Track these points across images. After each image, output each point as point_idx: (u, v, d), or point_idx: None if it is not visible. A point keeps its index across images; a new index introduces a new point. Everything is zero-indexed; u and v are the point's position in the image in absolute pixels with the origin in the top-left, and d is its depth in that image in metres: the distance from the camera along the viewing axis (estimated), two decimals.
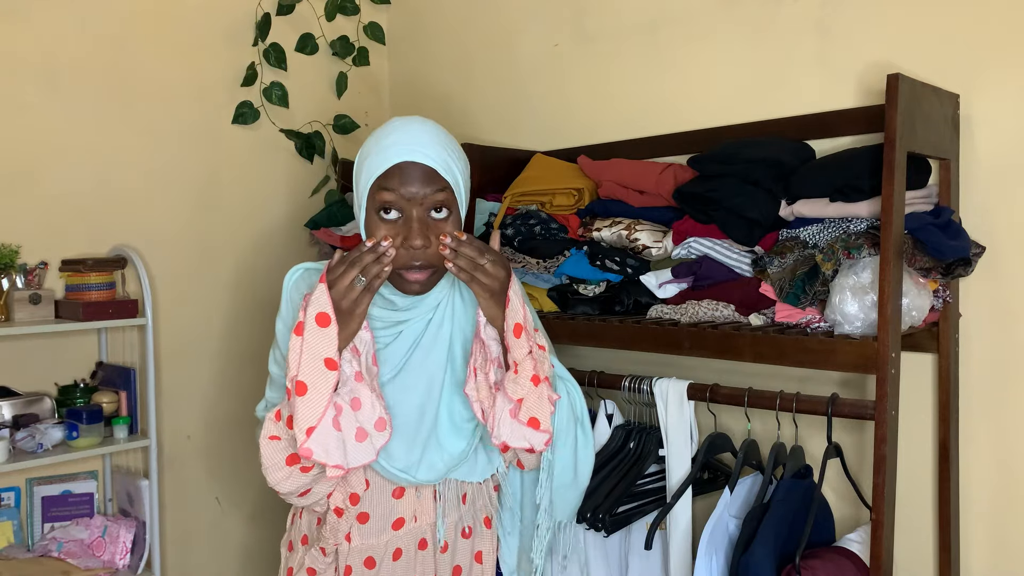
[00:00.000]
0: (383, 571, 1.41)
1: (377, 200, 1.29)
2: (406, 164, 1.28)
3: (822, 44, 1.93)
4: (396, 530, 1.41)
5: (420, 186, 1.28)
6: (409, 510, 1.41)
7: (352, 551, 1.40)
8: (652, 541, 1.66)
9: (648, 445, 1.82)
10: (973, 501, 1.77)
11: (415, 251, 1.28)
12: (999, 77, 1.69)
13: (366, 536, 1.40)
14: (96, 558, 2.27)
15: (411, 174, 1.27)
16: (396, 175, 1.27)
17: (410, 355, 1.38)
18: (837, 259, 1.58)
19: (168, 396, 2.59)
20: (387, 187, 1.28)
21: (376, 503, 1.40)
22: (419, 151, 1.28)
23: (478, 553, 1.49)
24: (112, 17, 2.47)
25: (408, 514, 1.41)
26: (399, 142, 1.29)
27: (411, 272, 1.30)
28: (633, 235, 1.91)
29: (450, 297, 1.42)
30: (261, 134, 2.77)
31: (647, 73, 2.26)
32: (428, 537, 1.43)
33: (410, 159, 1.28)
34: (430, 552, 1.43)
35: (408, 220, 1.29)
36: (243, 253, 2.75)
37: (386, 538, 1.41)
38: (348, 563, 1.40)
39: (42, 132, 2.36)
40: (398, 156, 1.28)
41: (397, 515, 1.41)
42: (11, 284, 2.23)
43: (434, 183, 1.28)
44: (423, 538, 1.43)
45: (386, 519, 1.40)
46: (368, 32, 2.87)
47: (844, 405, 1.58)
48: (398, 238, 1.28)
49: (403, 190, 1.27)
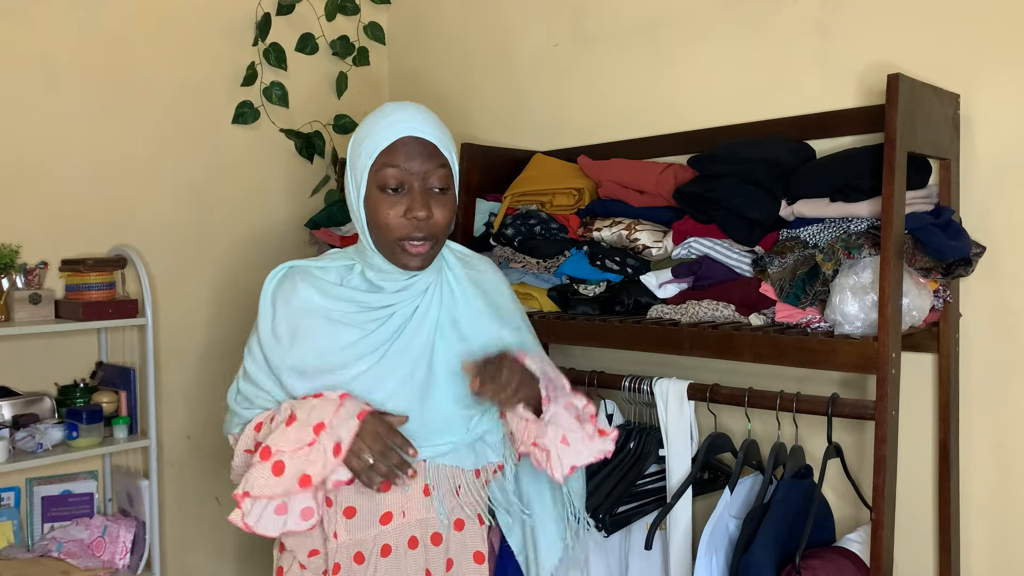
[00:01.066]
0: (371, 568, 1.39)
1: (380, 176, 1.32)
2: (409, 139, 1.31)
3: (822, 44, 1.93)
4: (384, 525, 1.39)
5: (423, 160, 1.31)
6: (397, 505, 1.39)
7: (340, 547, 1.38)
8: (652, 541, 1.66)
9: (648, 445, 1.82)
10: (973, 501, 1.77)
11: (419, 222, 1.31)
12: (999, 77, 1.69)
13: (353, 531, 1.38)
14: (96, 558, 2.27)
15: (414, 148, 1.31)
16: (400, 150, 1.31)
17: (394, 341, 1.38)
18: (837, 259, 1.58)
19: (168, 396, 2.59)
20: (391, 163, 1.31)
21: (363, 496, 1.38)
22: (420, 128, 1.32)
23: (477, 553, 1.47)
24: (112, 17, 2.47)
25: (396, 508, 1.39)
26: (400, 120, 1.32)
27: (414, 244, 1.33)
28: (633, 235, 1.91)
29: (438, 283, 1.43)
30: (261, 134, 2.77)
31: (647, 73, 2.26)
32: (417, 534, 1.41)
33: (412, 135, 1.31)
34: (420, 551, 1.41)
35: (411, 192, 1.32)
36: (243, 253, 2.75)
37: (374, 533, 1.38)
38: (336, 560, 1.38)
39: (42, 132, 2.36)
40: (400, 132, 1.31)
41: (384, 509, 1.39)
42: (11, 284, 2.23)
43: (436, 158, 1.33)
44: (412, 535, 1.41)
45: (373, 513, 1.38)
46: (368, 32, 2.87)
47: (844, 405, 1.58)
48: (402, 208, 1.31)
49: (406, 164, 1.31)
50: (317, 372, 1.36)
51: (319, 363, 1.36)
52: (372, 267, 1.40)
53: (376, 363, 1.37)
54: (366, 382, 1.36)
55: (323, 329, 1.37)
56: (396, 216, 1.32)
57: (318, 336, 1.37)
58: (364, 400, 1.34)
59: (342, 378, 1.36)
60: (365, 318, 1.38)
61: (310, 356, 1.36)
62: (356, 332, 1.37)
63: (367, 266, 1.41)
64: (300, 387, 1.37)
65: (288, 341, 1.38)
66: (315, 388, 1.35)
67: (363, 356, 1.36)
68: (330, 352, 1.36)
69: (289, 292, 1.40)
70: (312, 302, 1.38)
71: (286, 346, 1.38)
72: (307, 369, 1.36)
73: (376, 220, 1.34)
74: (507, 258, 2.19)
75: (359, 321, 1.38)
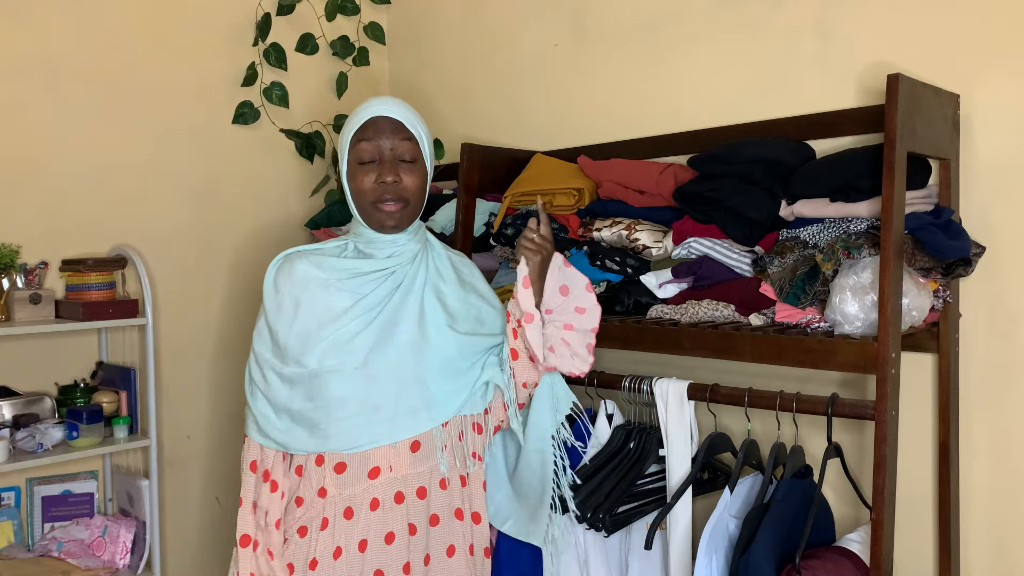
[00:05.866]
0: (361, 521, 1.49)
1: (356, 151, 1.54)
2: (378, 118, 1.54)
3: (822, 44, 1.93)
4: (372, 479, 1.50)
5: (390, 134, 1.53)
6: (384, 460, 1.50)
7: (329, 502, 1.49)
8: (652, 541, 1.66)
9: (648, 445, 1.82)
10: (973, 501, 1.77)
11: (387, 185, 1.52)
12: (999, 77, 1.69)
13: (343, 486, 1.49)
14: (96, 558, 2.27)
15: (383, 125, 1.53)
16: (371, 127, 1.53)
17: (386, 302, 1.53)
18: (837, 259, 1.58)
19: (168, 396, 2.59)
20: (364, 138, 1.53)
21: (351, 453, 1.50)
22: (388, 109, 1.55)
23: (457, 511, 1.57)
24: (112, 17, 2.47)
25: (384, 464, 1.50)
26: (372, 104, 1.56)
27: (386, 204, 1.53)
28: (633, 235, 1.91)
29: (425, 254, 1.61)
30: (261, 134, 2.77)
31: (647, 73, 2.26)
32: (403, 489, 1.51)
33: (381, 114, 1.54)
34: (404, 505, 1.51)
35: (382, 162, 1.53)
36: (243, 253, 2.75)
37: (363, 486, 1.49)
38: (325, 515, 1.49)
39: (42, 132, 2.36)
40: (371, 113, 1.54)
41: (373, 464, 1.50)
42: (11, 284, 2.23)
43: (401, 133, 1.54)
44: (399, 490, 1.51)
45: (362, 467, 1.49)
46: (368, 32, 2.87)
47: (844, 405, 1.58)
48: (374, 176, 1.52)
49: (377, 140, 1.53)
50: (319, 334, 1.49)
51: (319, 326, 1.50)
52: (361, 238, 1.58)
53: (370, 324, 1.51)
54: (362, 341, 1.50)
55: (321, 296, 1.52)
56: (370, 182, 1.53)
57: (316, 302, 1.52)
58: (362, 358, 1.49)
59: (341, 337, 1.49)
60: (359, 283, 1.54)
61: (312, 321, 1.50)
62: (351, 296, 1.52)
63: (358, 240, 1.59)
64: (307, 354, 1.49)
65: (292, 311, 1.52)
66: (319, 351, 1.48)
67: (358, 316, 1.51)
68: (328, 314, 1.51)
69: (288, 270, 1.56)
70: (310, 274, 1.54)
71: (290, 316, 1.52)
72: (310, 333, 1.50)
73: (354, 188, 1.55)
74: (507, 258, 2.19)
75: (353, 286, 1.53)
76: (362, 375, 1.48)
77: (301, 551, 1.50)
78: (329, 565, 1.48)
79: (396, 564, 1.50)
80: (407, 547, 1.50)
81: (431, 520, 1.54)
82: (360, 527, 1.48)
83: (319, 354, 1.48)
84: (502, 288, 2.16)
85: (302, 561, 1.49)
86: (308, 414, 1.49)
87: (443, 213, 2.34)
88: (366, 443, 1.48)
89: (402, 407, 1.50)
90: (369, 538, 1.49)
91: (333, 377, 1.48)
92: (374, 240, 1.56)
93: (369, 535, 1.49)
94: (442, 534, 1.55)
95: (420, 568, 1.52)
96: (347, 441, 1.48)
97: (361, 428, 1.48)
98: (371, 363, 1.49)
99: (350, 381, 1.48)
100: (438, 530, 1.54)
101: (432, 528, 1.54)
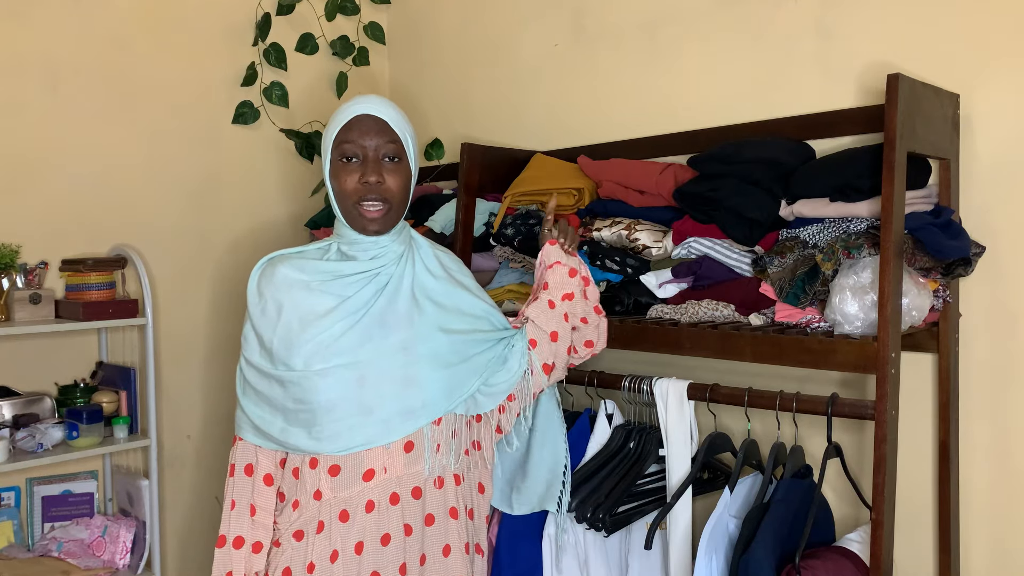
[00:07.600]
0: (357, 524, 1.48)
1: (339, 150, 1.52)
2: (363, 116, 1.51)
3: (822, 44, 1.93)
4: (367, 481, 1.49)
5: (374, 135, 1.51)
6: (379, 462, 1.49)
7: (324, 504, 1.48)
8: (652, 541, 1.66)
9: (648, 445, 1.82)
10: (973, 501, 1.77)
11: (370, 185, 1.50)
12: (999, 77, 1.69)
13: (337, 489, 1.48)
14: (96, 558, 2.27)
15: (367, 124, 1.51)
16: (355, 127, 1.51)
17: (371, 305, 1.51)
18: (837, 259, 1.58)
19: (168, 396, 2.59)
20: (347, 139, 1.51)
21: (346, 455, 1.48)
22: (373, 108, 1.52)
23: (452, 509, 1.56)
24: (112, 17, 2.47)
25: (378, 465, 1.49)
26: (357, 102, 1.53)
27: (369, 207, 1.51)
28: (633, 235, 1.91)
29: (410, 254, 1.59)
30: (261, 134, 2.77)
31: (647, 73, 2.26)
32: (398, 490, 1.50)
33: (365, 113, 1.51)
34: (399, 506, 1.50)
35: (365, 162, 1.51)
36: (243, 252, 2.75)
37: (358, 489, 1.48)
38: (321, 518, 1.48)
39: (42, 132, 2.36)
40: (355, 112, 1.52)
41: (367, 466, 1.49)
42: (11, 284, 2.23)
43: (386, 134, 1.51)
44: (394, 491, 1.50)
45: (357, 470, 1.48)
46: (368, 32, 2.87)
47: (844, 405, 1.58)
48: (357, 176, 1.50)
49: (360, 140, 1.50)
50: (302, 336, 1.48)
51: (302, 328, 1.48)
52: (345, 239, 1.56)
53: (355, 325, 1.49)
54: (348, 343, 1.48)
55: (304, 298, 1.51)
56: (353, 182, 1.51)
57: (299, 305, 1.50)
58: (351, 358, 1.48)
59: (325, 339, 1.47)
60: (341, 285, 1.52)
61: (295, 323, 1.49)
62: (333, 298, 1.51)
63: (341, 241, 1.57)
64: (292, 356, 1.47)
65: (275, 315, 1.51)
66: (304, 353, 1.47)
67: (342, 319, 1.49)
68: (310, 316, 1.49)
69: (270, 274, 1.55)
70: (291, 277, 1.53)
71: (274, 319, 1.50)
72: (293, 336, 1.48)
73: (337, 187, 1.53)
74: (507, 258, 2.19)
75: (335, 288, 1.52)
76: (352, 377, 1.47)
77: (299, 555, 1.49)
78: (326, 568, 1.47)
79: (392, 565, 1.49)
80: (403, 548, 1.50)
81: (427, 520, 1.53)
82: (356, 529, 1.48)
83: (304, 356, 1.47)
84: (502, 288, 2.16)
85: (300, 565, 1.48)
86: (301, 415, 1.48)
87: (443, 213, 2.33)
88: (359, 445, 1.47)
89: (395, 408, 1.48)
90: (365, 540, 1.48)
91: (322, 379, 1.46)
92: (357, 241, 1.55)
93: (365, 537, 1.48)
94: (438, 534, 1.54)
95: (416, 568, 1.52)
96: (340, 443, 1.47)
97: (354, 430, 1.47)
98: (361, 365, 1.48)
99: (339, 384, 1.47)
100: (434, 530, 1.54)
101: (428, 528, 1.53)
